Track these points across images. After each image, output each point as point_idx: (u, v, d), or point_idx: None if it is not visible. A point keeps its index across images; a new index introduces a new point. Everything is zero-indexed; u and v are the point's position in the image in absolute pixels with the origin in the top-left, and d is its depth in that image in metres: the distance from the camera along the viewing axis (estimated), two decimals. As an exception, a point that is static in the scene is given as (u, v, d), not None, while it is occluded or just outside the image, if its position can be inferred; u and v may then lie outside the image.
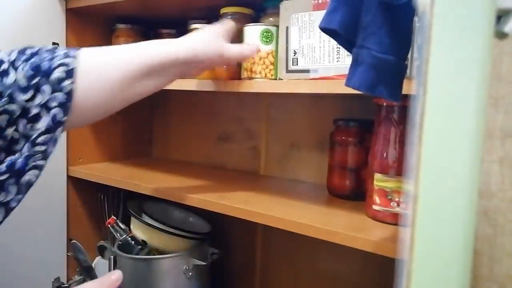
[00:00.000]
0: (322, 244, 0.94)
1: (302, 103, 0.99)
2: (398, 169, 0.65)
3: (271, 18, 0.81)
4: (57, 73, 0.58)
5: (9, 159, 0.54)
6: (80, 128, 1.09)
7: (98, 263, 1.11)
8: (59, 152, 0.75)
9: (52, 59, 0.58)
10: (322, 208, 0.76)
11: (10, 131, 0.55)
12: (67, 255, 1.07)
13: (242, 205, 0.74)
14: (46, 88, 0.57)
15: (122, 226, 0.96)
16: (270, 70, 0.78)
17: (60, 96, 0.58)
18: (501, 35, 0.31)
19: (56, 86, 0.58)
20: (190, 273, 0.91)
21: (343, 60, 0.67)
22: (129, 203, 1.02)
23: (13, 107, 0.55)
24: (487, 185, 0.71)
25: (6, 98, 0.55)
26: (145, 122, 1.29)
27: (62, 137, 0.99)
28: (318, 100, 0.96)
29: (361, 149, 0.79)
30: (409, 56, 0.48)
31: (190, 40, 0.69)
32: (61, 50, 0.60)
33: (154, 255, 0.94)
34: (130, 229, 0.97)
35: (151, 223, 0.93)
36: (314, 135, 0.98)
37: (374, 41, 0.45)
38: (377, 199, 0.66)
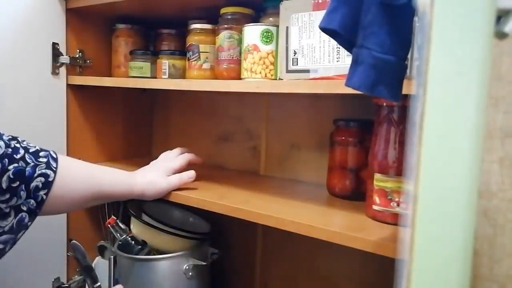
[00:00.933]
0: (322, 244, 0.94)
1: (302, 103, 0.99)
2: (398, 169, 0.65)
3: (271, 18, 0.81)
4: (36, 182, 0.66)
5: None
6: (80, 128, 1.09)
7: (98, 263, 1.11)
8: (59, 152, 0.76)
9: (35, 166, 0.66)
10: (322, 208, 0.76)
11: None
12: (67, 255, 1.07)
13: (242, 205, 0.74)
14: (23, 194, 0.65)
15: (122, 226, 0.96)
16: (270, 70, 0.78)
17: (32, 203, 0.66)
18: (501, 35, 0.31)
19: (32, 194, 0.66)
20: (190, 273, 0.91)
21: (343, 60, 0.67)
22: (129, 203, 1.02)
23: None
24: (487, 185, 0.71)
25: None
26: (145, 122, 1.29)
27: (62, 137, 0.99)
28: (318, 100, 0.96)
29: (361, 149, 0.79)
30: (409, 56, 0.48)
31: (141, 182, 0.82)
32: (44, 157, 0.69)
33: (154, 255, 0.94)
34: (130, 229, 0.97)
35: (151, 223, 0.93)
36: (314, 135, 0.98)
37: (374, 41, 0.45)
38: (377, 199, 0.66)
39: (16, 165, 0.65)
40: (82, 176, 0.75)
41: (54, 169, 0.69)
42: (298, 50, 0.72)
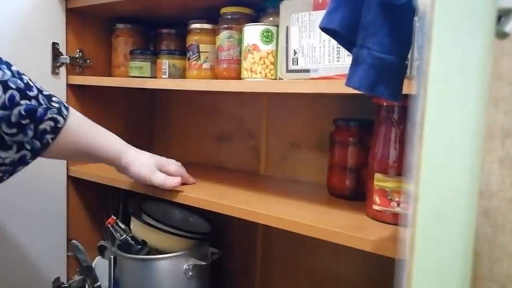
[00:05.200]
0: (322, 244, 0.94)
1: (302, 103, 0.99)
2: (398, 169, 0.65)
3: (271, 18, 0.81)
4: (45, 125, 0.66)
5: None
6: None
7: (98, 263, 1.11)
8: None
9: (47, 109, 0.67)
10: (322, 208, 0.76)
11: None
12: (67, 255, 1.07)
13: (242, 205, 0.74)
14: (30, 133, 0.65)
15: (122, 226, 0.96)
16: (270, 70, 0.78)
17: (37, 144, 0.66)
18: (501, 35, 0.31)
19: (39, 135, 0.66)
20: (190, 273, 0.91)
21: (343, 60, 0.66)
22: (129, 203, 1.02)
23: None
24: (487, 185, 0.71)
25: None
26: (145, 122, 1.29)
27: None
28: (318, 100, 0.96)
29: (361, 149, 0.79)
30: (409, 56, 0.48)
31: (131, 158, 0.82)
32: (57, 102, 0.70)
33: (154, 255, 0.94)
34: (130, 229, 0.97)
35: (151, 223, 0.93)
36: (314, 135, 0.98)
37: (375, 41, 0.45)
38: (377, 199, 0.66)
39: (28, 102, 0.64)
40: (86, 131, 0.76)
41: (65, 117, 0.70)
42: (298, 50, 0.72)
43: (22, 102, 0.63)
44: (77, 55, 1.07)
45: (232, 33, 0.84)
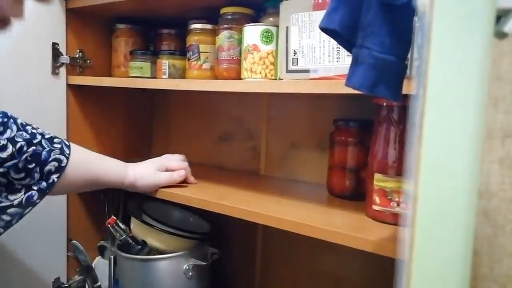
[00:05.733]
0: (322, 244, 0.94)
1: (302, 103, 0.99)
2: (398, 169, 0.65)
3: (271, 18, 0.81)
4: (50, 166, 0.71)
5: None
6: (80, 128, 1.09)
7: (98, 263, 1.11)
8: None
9: (51, 151, 0.72)
10: (322, 208, 0.76)
11: None
12: (67, 255, 1.07)
13: (242, 205, 0.74)
14: (36, 175, 0.70)
15: (122, 226, 0.96)
16: (270, 70, 0.78)
17: (43, 184, 0.71)
18: (501, 35, 0.31)
19: (44, 176, 0.71)
20: (190, 273, 0.91)
21: (343, 60, 0.66)
22: (129, 203, 1.02)
23: (2, 179, 0.66)
24: (487, 185, 0.71)
25: (1, 170, 0.66)
26: (145, 122, 1.29)
27: (62, 136, 0.99)
28: (318, 100, 0.96)
29: (361, 149, 0.79)
30: (409, 56, 0.48)
31: (132, 174, 0.85)
32: (58, 143, 0.75)
33: (154, 255, 0.94)
34: (130, 229, 0.97)
35: (151, 223, 0.93)
36: (314, 135, 0.98)
37: (374, 41, 0.45)
38: (377, 199, 0.66)
39: (34, 147, 0.70)
40: (87, 163, 0.80)
41: (67, 156, 0.75)
42: (298, 50, 0.72)
43: (29, 150, 0.70)
44: (77, 55, 1.07)
45: (232, 33, 0.84)
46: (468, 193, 0.27)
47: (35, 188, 0.71)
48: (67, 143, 0.77)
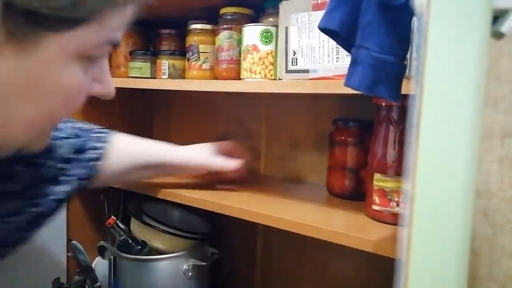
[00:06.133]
0: (322, 244, 0.94)
1: (302, 103, 0.99)
2: (398, 169, 0.65)
3: (270, 18, 0.81)
4: (90, 154, 0.70)
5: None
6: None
7: (98, 263, 1.11)
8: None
9: (89, 139, 0.72)
10: (322, 208, 0.76)
11: (28, 181, 0.62)
12: (67, 255, 1.07)
13: (242, 205, 0.74)
14: (77, 164, 0.69)
15: (122, 226, 0.96)
16: (270, 70, 0.78)
17: (85, 173, 0.70)
18: (498, 35, 0.31)
19: (86, 164, 0.70)
20: (190, 273, 0.91)
21: (343, 60, 0.67)
22: (129, 204, 1.02)
23: (46, 171, 0.64)
24: (487, 185, 0.71)
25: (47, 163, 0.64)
26: (145, 122, 1.29)
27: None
28: (318, 100, 0.96)
29: (361, 149, 0.79)
30: (408, 56, 0.48)
31: (187, 150, 0.86)
32: (97, 132, 0.74)
33: (154, 255, 0.94)
34: (130, 229, 0.97)
35: (151, 223, 0.93)
36: (314, 135, 0.98)
37: (373, 41, 0.45)
38: (376, 199, 0.66)
39: (72, 140, 0.69)
40: (130, 148, 0.80)
41: (106, 142, 0.74)
42: (298, 50, 0.72)
43: (71, 141, 0.69)
44: (77, 56, 1.07)
45: (232, 33, 0.84)
46: (466, 193, 0.27)
47: (76, 177, 0.69)
48: (105, 130, 0.77)
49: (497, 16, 0.30)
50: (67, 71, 0.40)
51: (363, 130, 0.79)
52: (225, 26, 0.84)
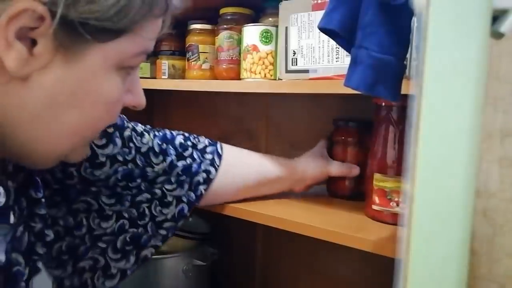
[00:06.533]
0: (322, 244, 0.94)
1: (302, 103, 0.99)
2: (398, 169, 0.65)
3: (270, 18, 0.81)
4: (199, 177, 0.69)
5: (133, 231, 0.64)
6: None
7: (99, 263, 1.11)
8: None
9: (201, 163, 0.70)
10: (322, 208, 0.76)
11: (143, 206, 0.64)
12: (68, 255, 1.07)
13: (242, 205, 0.74)
14: (186, 186, 0.69)
15: (122, 226, 0.96)
16: (270, 70, 0.78)
17: (192, 195, 0.69)
18: (497, 35, 0.31)
19: (193, 187, 0.69)
20: (190, 273, 0.91)
21: (343, 60, 0.67)
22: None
23: (157, 191, 0.66)
24: (486, 185, 0.71)
25: (159, 185, 0.66)
26: (145, 122, 1.28)
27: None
28: (318, 100, 0.96)
29: (361, 149, 0.79)
30: (408, 56, 0.48)
31: (302, 164, 0.79)
32: (210, 153, 0.72)
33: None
34: (130, 229, 0.97)
35: (151, 223, 0.93)
36: (314, 135, 0.97)
37: (373, 41, 0.45)
38: (376, 199, 0.66)
39: (184, 162, 0.69)
40: (244, 169, 0.75)
41: (217, 167, 0.72)
42: (298, 50, 0.72)
43: (179, 164, 0.68)
44: (77, 56, 1.07)
45: (232, 33, 0.84)
46: (465, 192, 0.27)
47: (185, 200, 0.69)
48: (220, 151, 0.74)
49: (497, 16, 0.30)
50: (108, 81, 0.42)
51: (363, 130, 0.79)
52: (225, 26, 0.85)
